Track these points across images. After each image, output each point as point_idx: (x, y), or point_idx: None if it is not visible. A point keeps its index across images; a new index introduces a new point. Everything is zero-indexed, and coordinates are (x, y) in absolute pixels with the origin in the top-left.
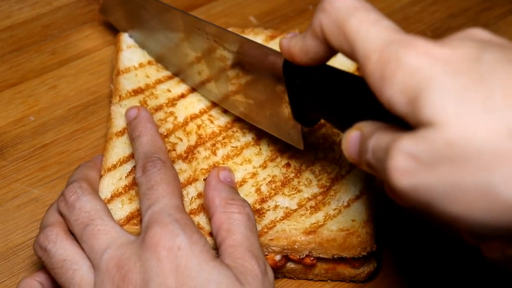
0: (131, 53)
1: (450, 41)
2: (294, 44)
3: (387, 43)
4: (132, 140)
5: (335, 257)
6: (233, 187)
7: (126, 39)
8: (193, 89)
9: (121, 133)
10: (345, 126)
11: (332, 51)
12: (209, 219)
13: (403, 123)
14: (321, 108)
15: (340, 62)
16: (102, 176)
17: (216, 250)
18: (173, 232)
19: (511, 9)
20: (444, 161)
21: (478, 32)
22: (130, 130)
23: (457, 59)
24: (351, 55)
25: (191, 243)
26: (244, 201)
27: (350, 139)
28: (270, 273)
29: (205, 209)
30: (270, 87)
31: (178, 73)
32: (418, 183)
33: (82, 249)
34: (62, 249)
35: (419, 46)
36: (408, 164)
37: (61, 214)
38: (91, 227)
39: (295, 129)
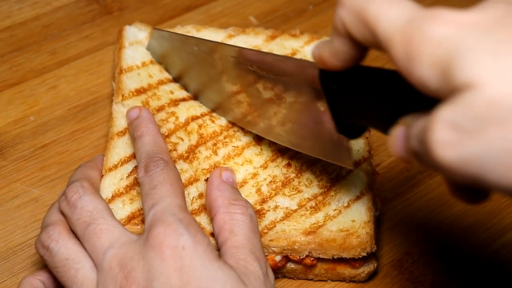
0: (133, 50)
1: (474, 8)
2: (323, 50)
3: (408, 21)
4: (134, 140)
5: (335, 257)
6: (235, 188)
7: (128, 35)
8: (195, 97)
9: (122, 133)
10: (389, 126)
11: (361, 48)
12: (211, 219)
13: None
14: (363, 111)
15: None
16: (103, 176)
17: (218, 250)
18: (177, 231)
19: None
20: (490, 124)
21: None
22: (132, 130)
23: (484, 20)
24: (375, 43)
25: (195, 243)
26: (247, 202)
27: (396, 135)
28: (271, 275)
29: (207, 209)
30: (310, 104)
31: (216, 109)
32: (464, 154)
33: (84, 248)
34: (64, 247)
35: (442, 17)
36: (451, 134)
37: (62, 213)
38: (93, 226)
39: (341, 145)
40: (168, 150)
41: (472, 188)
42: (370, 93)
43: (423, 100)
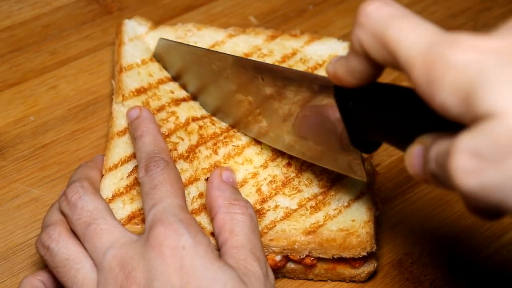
0: (133, 47)
1: (496, 33)
2: (339, 67)
3: (430, 46)
4: (134, 139)
5: (335, 257)
6: (235, 187)
7: (128, 30)
8: (194, 97)
9: (122, 133)
10: (405, 143)
11: (378, 67)
12: (211, 218)
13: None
14: (379, 128)
15: None
16: (103, 175)
17: (218, 250)
18: (178, 231)
19: (511, 9)
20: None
21: None
22: (132, 130)
23: (507, 47)
24: (395, 65)
25: (195, 243)
26: (247, 202)
27: (413, 154)
28: (271, 275)
29: (208, 208)
30: (324, 118)
31: (235, 125)
32: (486, 182)
33: (85, 248)
34: (64, 248)
35: (464, 43)
36: (472, 162)
37: (63, 213)
38: (93, 226)
39: (355, 158)
40: (168, 150)
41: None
42: (386, 111)
43: (442, 121)
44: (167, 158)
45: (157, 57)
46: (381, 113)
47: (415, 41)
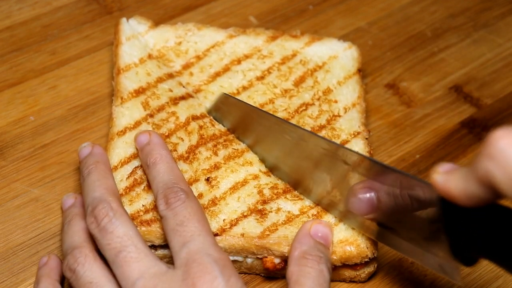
0: (131, 46)
1: None
2: (455, 185)
3: None
4: (147, 167)
5: (336, 265)
6: (318, 242)
7: (125, 29)
8: (192, 95)
9: (122, 133)
10: None
11: (501, 196)
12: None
13: None
14: (486, 250)
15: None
16: None
17: None
18: (212, 274)
19: (511, 9)
20: None
21: None
22: (144, 157)
23: None
24: None
25: (228, 287)
26: (322, 257)
27: None
28: None
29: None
30: (424, 221)
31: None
32: None
33: (110, 270)
34: (89, 271)
35: None
36: None
37: (91, 234)
38: (123, 254)
39: (453, 266)
40: (184, 178)
41: None
42: (499, 236)
43: None
44: (186, 188)
45: (215, 109)
46: (492, 238)
47: None
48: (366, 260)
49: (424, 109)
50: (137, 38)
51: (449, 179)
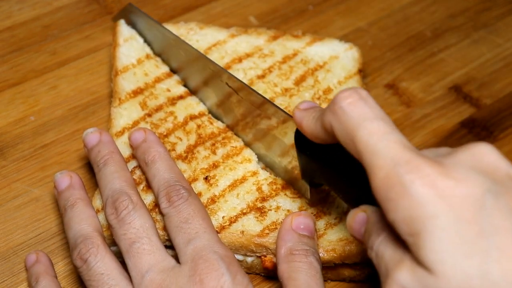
0: (128, 47)
1: (456, 168)
2: (306, 124)
3: (394, 164)
4: (145, 164)
5: (336, 263)
6: (302, 235)
7: (123, 30)
8: (192, 92)
9: (120, 133)
10: (350, 200)
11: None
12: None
13: None
14: (327, 180)
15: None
16: None
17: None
18: (219, 271)
19: (511, 9)
20: None
21: (486, 154)
22: (141, 154)
23: (461, 199)
24: (358, 159)
25: (234, 284)
26: (308, 250)
27: (356, 219)
28: None
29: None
30: (285, 145)
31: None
32: None
33: (121, 264)
34: (101, 262)
35: (425, 174)
36: None
37: (108, 222)
38: (137, 245)
39: (304, 186)
40: (184, 176)
41: None
42: (338, 172)
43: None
44: (187, 186)
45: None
46: (333, 172)
47: (381, 151)
48: (366, 259)
49: (423, 109)
50: (135, 38)
51: (303, 116)
